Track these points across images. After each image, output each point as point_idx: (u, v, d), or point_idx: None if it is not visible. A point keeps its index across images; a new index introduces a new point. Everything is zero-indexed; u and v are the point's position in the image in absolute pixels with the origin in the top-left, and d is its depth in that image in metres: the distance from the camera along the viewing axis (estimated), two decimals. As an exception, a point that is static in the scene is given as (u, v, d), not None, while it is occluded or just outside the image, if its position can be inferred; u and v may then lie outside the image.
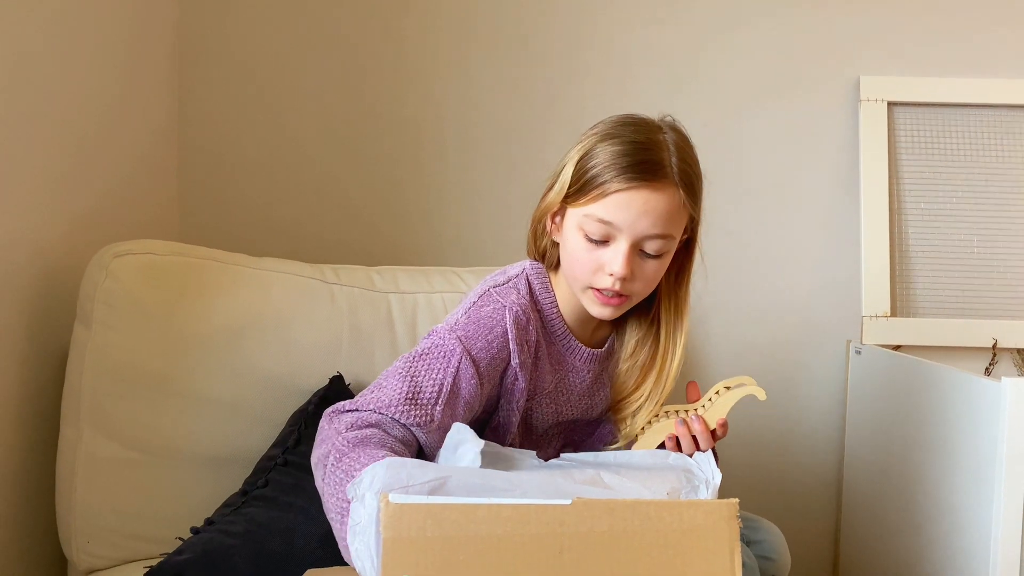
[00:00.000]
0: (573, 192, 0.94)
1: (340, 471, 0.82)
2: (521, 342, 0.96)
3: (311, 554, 0.98)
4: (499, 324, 0.95)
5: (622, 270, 0.91)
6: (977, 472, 1.27)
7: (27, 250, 1.18)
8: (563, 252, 0.98)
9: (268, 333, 1.22)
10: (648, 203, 0.90)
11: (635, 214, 0.90)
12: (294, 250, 1.55)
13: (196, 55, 1.67)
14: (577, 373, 1.05)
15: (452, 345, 0.93)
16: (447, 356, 0.93)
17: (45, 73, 1.21)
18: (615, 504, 0.70)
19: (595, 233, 0.92)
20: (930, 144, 1.74)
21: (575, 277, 0.96)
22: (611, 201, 0.90)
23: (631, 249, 0.92)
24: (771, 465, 1.77)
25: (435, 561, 0.67)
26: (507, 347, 0.95)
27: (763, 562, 1.15)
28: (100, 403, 1.15)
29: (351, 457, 0.82)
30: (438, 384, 0.91)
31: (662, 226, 0.92)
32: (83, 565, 1.15)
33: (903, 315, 1.71)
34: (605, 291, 0.93)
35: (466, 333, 0.94)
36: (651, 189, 0.91)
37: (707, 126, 1.73)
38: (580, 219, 0.93)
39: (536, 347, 0.99)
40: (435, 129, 1.68)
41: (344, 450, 0.84)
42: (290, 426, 1.18)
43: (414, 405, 0.90)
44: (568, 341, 1.03)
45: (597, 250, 0.93)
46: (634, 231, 0.91)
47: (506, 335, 0.95)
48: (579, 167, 0.94)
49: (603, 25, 1.71)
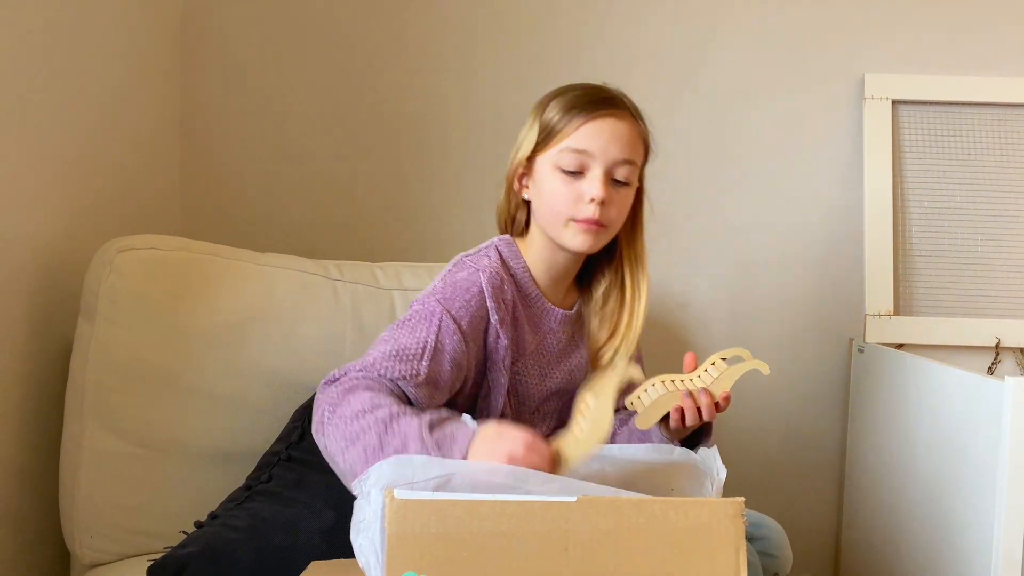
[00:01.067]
0: (541, 141, 1.03)
1: (336, 417, 0.87)
2: (498, 300, 1.01)
3: (314, 547, 0.98)
4: (475, 284, 1.01)
5: (601, 193, 0.99)
6: (979, 471, 1.27)
7: (30, 245, 1.18)
8: (539, 200, 1.05)
9: (272, 329, 1.22)
10: (616, 129, 1.01)
11: (606, 140, 1.01)
12: (296, 245, 1.55)
13: (198, 49, 1.66)
14: (553, 335, 1.10)
15: (432, 307, 0.98)
16: (428, 317, 0.98)
17: (48, 68, 1.21)
18: (620, 502, 0.70)
19: (571, 164, 1.01)
20: (934, 142, 1.73)
21: (556, 213, 1.02)
22: (582, 132, 1.00)
23: (605, 175, 1.01)
24: (773, 463, 1.77)
25: (439, 557, 0.68)
26: (485, 305, 1.01)
27: (765, 559, 1.16)
28: (104, 398, 1.15)
29: (345, 401, 0.88)
30: (421, 342, 0.96)
31: (629, 151, 1.02)
32: (86, 559, 1.16)
33: (906, 314, 1.71)
34: (587, 220, 1.01)
35: (444, 295, 1.00)
36: (615, 117, 1.02)
37: (711, 123, 1.73)
38: (555, 158, 1.02)
39: (513, 307, 1.04)
40: (439, 124, 1.68)
41: (336, 400, 0.89)
42: (293, 422, 1.18)
43: (398, 360, 0.94)
44: (541, 303, 1.08)
45: (575, 183, 1.01)
46: (606, 157, 1.01)
47: (483, 293, 1.00)
48: (544, 121, 1.03)
49: (608, 22, 1.71)
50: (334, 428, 0.87)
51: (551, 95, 1.06)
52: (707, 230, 1.74)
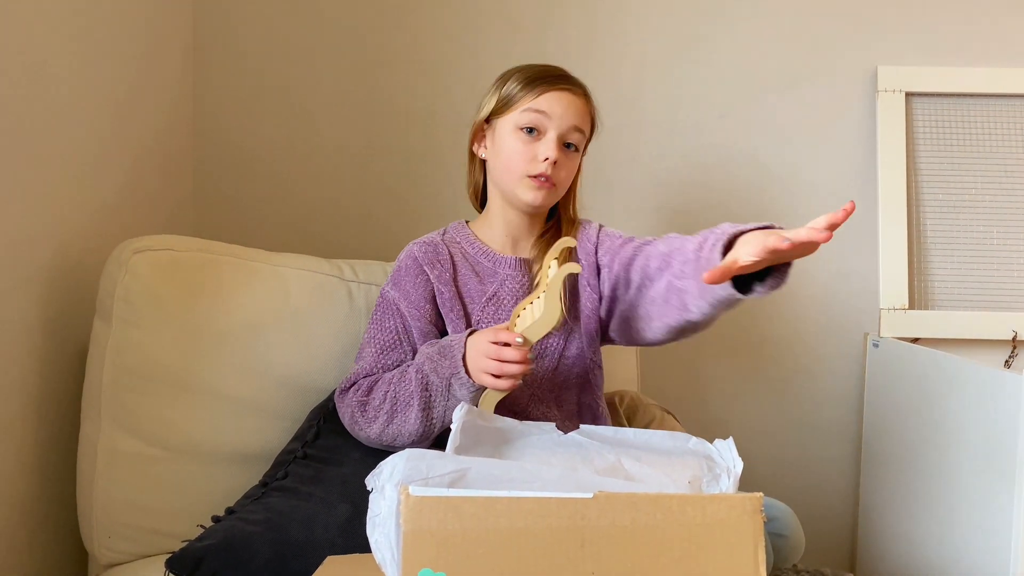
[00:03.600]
0: (502, 107, 1.16)
1: (370, 409, 1.10)
2: (432, 262, 1.17)
3: (331, 542, 0.98)
4: (409, 256, 1.19)
5: (555, 153, 1.12)
6: (996, 465, 1.26)
7: (46, 246, 1.19)
8: (497, 159, 1.18)
9: (286, 330, 1.22)
10: (572, 102, 1.15)
11: (563, 107, 1.14)
12: (307, 244, 1.56)
13: (210, 51, 1.67)
14: (513, 280, 1.19)
15: (386, 294, 1.18)
16: (387, 305, 1.17)
17: (62, 72, 1.22)
18: (637, 498, 0.69)
19: (531, 122, 1.13)
20: (948, 135, 1.72)
21: (512, 170, 1.15)
22: (543, 99, 1.13)
23: (559, 140, 1.14)
24: (789, 457, 1.77)
25: (455, 554, 0.68)
26: (423, 271, 1.17)
27: (776, 539, 1.16)
28: (120, 399, 1.15)
29: (370, 397, 1.11)
30: (393, 329, 1.16)
31: (580, 120, 1.15)
32: (104, 560, 1.16)
33: (921, 307, 1.70)
34: (539, 176, 1.13)
35: (393, 281, 1.19)
36: (571, 92, 1.15)
37: (724, 117, 1.72)
38: (516, 117, 1.14)
39: (452, 263, 1.19)
40: (451, 122, 1.67)
41: (363, 399, 1.11)
42: (309, 421, 1.19)
43: (387, 352, 1.15)
44: (492, 255, 1.20)
45: (532, 143, 1.14)
46: (561, 123, 1.13)
47: (417, 261, 1.18)
48: (503, 93, 1.16)
49: (618, 17, 1.71)
50: (370, 419, 1.10)
51: (513, 69, 1.18)
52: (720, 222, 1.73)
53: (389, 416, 1.08)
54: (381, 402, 1.09)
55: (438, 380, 1.05)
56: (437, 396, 1.06)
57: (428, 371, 1.06)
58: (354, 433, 1.12)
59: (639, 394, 1.41)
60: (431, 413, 1.07)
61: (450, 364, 1.04)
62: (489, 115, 1.18)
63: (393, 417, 1.08)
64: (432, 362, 1.06)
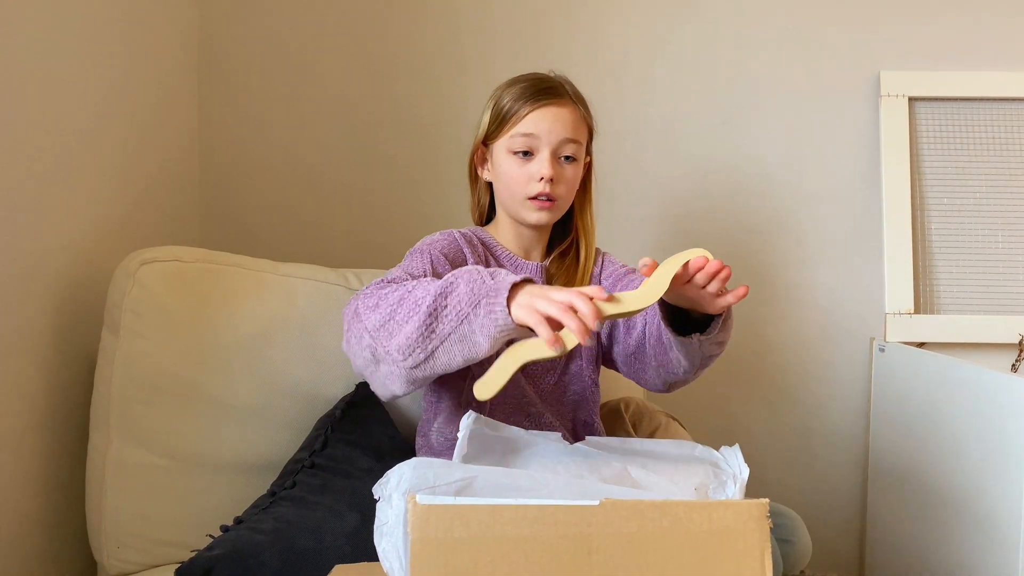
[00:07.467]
0: (494, 130, 1.16)
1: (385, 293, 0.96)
2: (472, 247, 1.16)
3: (339, 550, 0.98)
4: (449, 235, 1.16)
5: (549, 171, 1.12)
6: (1004, 469, 1.26)
7: (54, 258, 1.20)
8: (498, 182, 1.18)
9: (293, 340, 1.23)
10: (558, 115, 1.13)
11: (549, 123, 1.12)
12: (315, 254, 1.56)
13: (216, 64, 1.68)
14: None
15: (419, 248, 1.12)
16: (419, 252, 1.11)
17: (71, 88, 1.23)
18: (644, 505, 0.69)
19: (521, 146, 1.13)
20: (952, 139, 1.72)
21: (513, 193, 1.15)
22: (529, 119, 1.13)
23: (552, 156, 1.13)
24: (796, 462, 1.76)
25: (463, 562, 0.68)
26: (461, 249, 1.15)
27: (783, 545, 1.16)
28: (128, 410, 1.16)
29: (383, 292, 0.96)
30: (420, 268, 1.08)
31: (571, 131, 1.14)
32: (113, 570, 1.17)
33: (927, 312, 1.70)
34: (539, 196, 1.13)
35: (426, 242, 1.13)
36: (557, 105, 1.14)
37: (726, 123, 1.72)
38: (507, 143, 1.14)
39: (486, 258, 1.18)
40: (455, 131, 1.68)
41: (376, 291, 0.97)
42: (316, 430, 1.19)
43: (410, 276, 1.05)
44: (513, 259, 1.20)
45: (526, 164, 1.13)
46: (551, 139, 1.12)
47: (457, 241, 1.15)
48: (495, 111, 1.16)
49: (622, 25, 1.71)
50: (372, 305, 0.95)
51: (503, 86, 1.17)
52: (725, 231, 1.73)
53: (394, 308, 0.92)
54: (393, 292, 0.94)
55: (466, 291, 0.87)
56: (452, 310, 0.88)
57: (461, 279, 0.89)
58: (348, 328, 0.98)
59: (645, 400, 1.41)
60: (434, 326, 0.88)
61: (493, 284, 0.86)
62: (484, 138, 1.18)
63: (397, 311, 0.91)
64: (471, 274, 0.89)
